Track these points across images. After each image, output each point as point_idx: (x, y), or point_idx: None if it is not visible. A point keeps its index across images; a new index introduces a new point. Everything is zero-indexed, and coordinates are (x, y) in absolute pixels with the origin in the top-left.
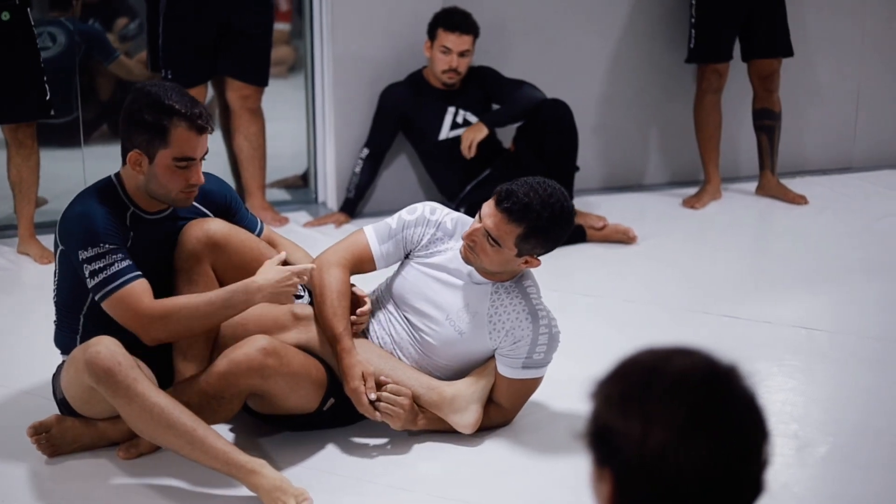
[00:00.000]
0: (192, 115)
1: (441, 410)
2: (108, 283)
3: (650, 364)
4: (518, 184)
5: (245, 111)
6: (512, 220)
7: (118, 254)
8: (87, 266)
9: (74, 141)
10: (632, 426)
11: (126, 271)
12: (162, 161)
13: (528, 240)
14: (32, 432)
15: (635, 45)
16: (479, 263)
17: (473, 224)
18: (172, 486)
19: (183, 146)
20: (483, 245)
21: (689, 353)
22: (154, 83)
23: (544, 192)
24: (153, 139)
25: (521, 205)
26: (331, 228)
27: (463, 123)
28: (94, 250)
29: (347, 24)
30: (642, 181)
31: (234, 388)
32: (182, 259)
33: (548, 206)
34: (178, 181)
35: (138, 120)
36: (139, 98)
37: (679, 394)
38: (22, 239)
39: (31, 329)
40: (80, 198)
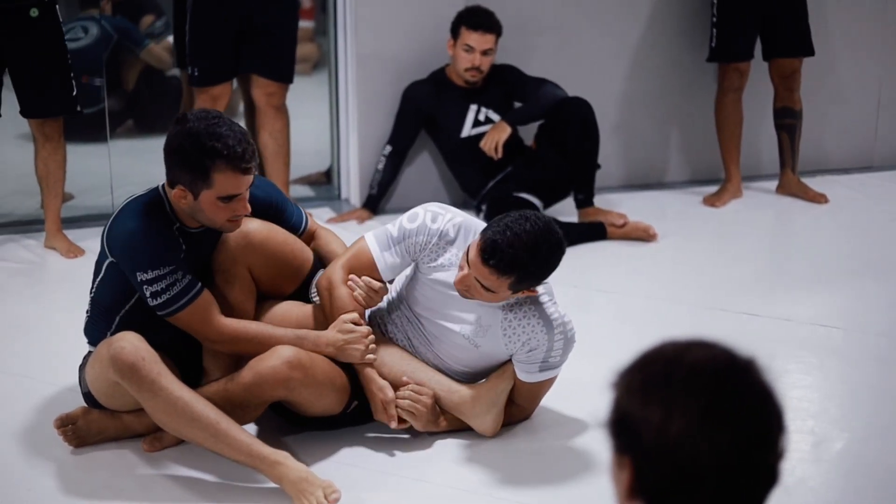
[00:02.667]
0: (235, 157)
1: (462, 413)
2: (173, 302)
3: (671, 355)
4: (500, 232)
5: (270, 108)
6: (501, 273)
7: (178, 272)
8: (148, 287)
9: (101, 136)
10: (652, 414)
11: (189, 288)
12: (206, 199)
13: (521, 283)
14: (59, 424)
15: (657, 44)
16: (477, 300)
17: (462, 268)
18: (196, 478)
19: (227, 187)
20: (477, 288)
21: (708, 346)
22: (199, 116)
23: (528, 239)
24: (196, 180)
25: (507, 259)
26: (353, 225)
27: (485, 121)
28: (153, 272)
29: (371, 21)
30: (663, 179)
31: (259, 398)
32: (220, 259)
33: (534, 252)
34: (224, 214)
35: (181, 159)
36: (182, 135)
37: (699, 383)
38: (49, 233)
39: (57, 322)
40: (131, 214)
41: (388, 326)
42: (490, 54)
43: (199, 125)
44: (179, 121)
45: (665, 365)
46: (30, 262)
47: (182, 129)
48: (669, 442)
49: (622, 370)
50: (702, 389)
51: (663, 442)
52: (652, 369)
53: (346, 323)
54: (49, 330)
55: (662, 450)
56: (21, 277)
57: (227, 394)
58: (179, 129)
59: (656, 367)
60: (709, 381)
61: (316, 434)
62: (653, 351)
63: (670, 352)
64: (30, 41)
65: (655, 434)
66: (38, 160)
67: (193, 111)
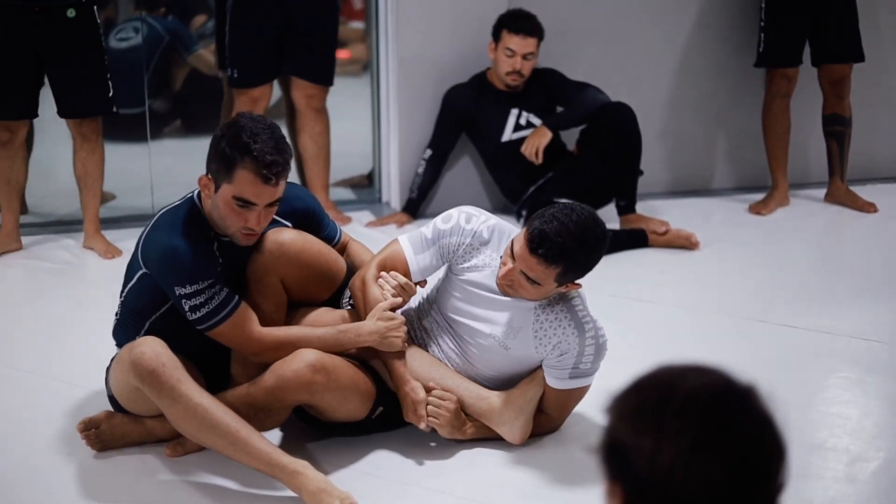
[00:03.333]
0: (262, 162)
1: (490, 420)
2: (211, 316)
3: (665, 380)
4: (547, 222)
5: (310, 110)
6: (549, 263)
7: (216, 286)
8: (186, 301)
9: (142, 136)
10: (643, 441)
11: (227, 301)
12: (223, 194)
13: (567, 274)
14: (82, 427)
15: (703, 49)
16: (520, 297)
17: (506, 263)
18: (218, 484)
19: (244, 188)
20: (521, 283)
21: (705, 371)
22: (253, 118)
23: (576, 228)
24: (221, 170)
25: (556, 248)
26: (392, 228)
27: (526, 125)
28: (192, 287)
29: (412, 24)
30: (709, 186)
31: (281, 402)
32: (253, 269)
33: (582, 241)
34: (237, 220)
35: (217, 146)
36: (227, 125)
37: (692, 411)
38: (87, 234)
39: (89, 324)
40: (167, 227)
41: (418, 331)
42: (531, 58)
43: (247, 122)
44: (237, 115)
45: (659, 391)
46: (67, 262)
47: (232, 120)
48: (660, 471)
49: (616, 395)
50: (695, 417)
51: (654, 471)
52: (645, 395)
53: (385, 311)
54: (82, 331)
55: (653, 479)
56: (58, 277)
57: (250, 398)
58: (230, 121)
59: (650, 393)
60: (703, 409)
61: (339, 440)
62: (648, 376)
63: (665, 377)
64: (67, 42)
65: (647, 462)
66: (77, 160)
67: (251, 113)
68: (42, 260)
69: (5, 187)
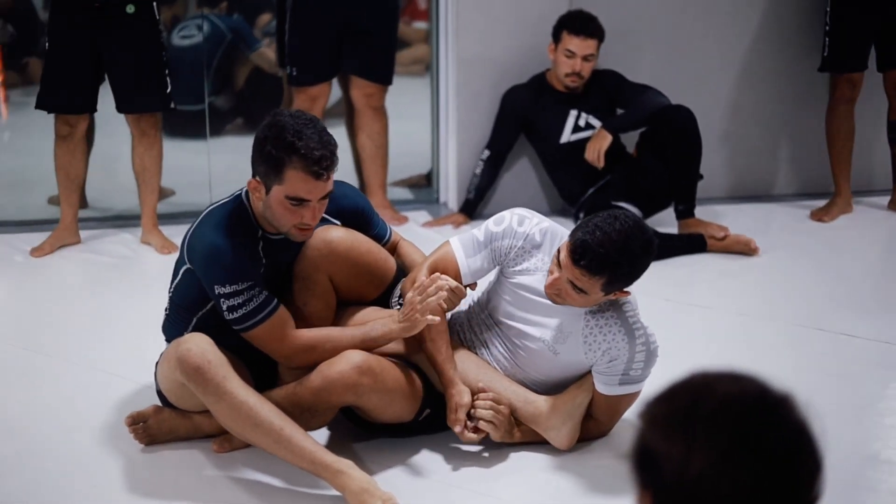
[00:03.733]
0: (312, 159)
1: (537, 425)
2: (248, 318)
3: (697, 386)
4: (590, 232)
5: (368, 109)
6: (593, 274)
7: (255, 288)
8: (225, 301)
9: (201, 133)
10: (674, 449)
11: (265, 304)
12: (275, 196)
13: (613, 284)
14: (130, 421)
15: (766, 53)
16: (568, 305)
17: (553, 272)
18: (262, 481)
19: (296, 187)
20: (568, 292)
21: (739, 379)
22: (292, 114)
23: (619, 238)
24: (269, 172)
25: (598, 260)
26: (448, 229)
27: (585, 127)
28: (231, 287)
29: (473, 25)
30: (770, 191)
31: (327, 403)
32: (301, 267)
33: (626, 251)
34: (291, 218)
35: (262, 149)
36: (269, 126)
37: (724, 418)
38: (145, 228)
39: (141, 319)
40: (213, 225)
41: (467, 334)
42: (591, 60)
43: (289, 121)
44: (274, 114)
45: (691, 398)
46: (123, 256)
47: (272, 120)
48: (690, 479)
49: (649, 402)
50: (727, 425)
51: (684, 479)
52: (677, 402)
53: None
54: (133, 326)
55: (683, 487)
56: (113, 271)
57: (296, 398)
58: (269, 121)
59: (682, 400)
60: (735, 417)
61: (386, 441)
62: (680, 382)
63: (698, 384)
64: (125, 37)
65: (676, 470)
66: (135, 156)
67: (291, 109)
68: (99, 254)
69: (65, 181)
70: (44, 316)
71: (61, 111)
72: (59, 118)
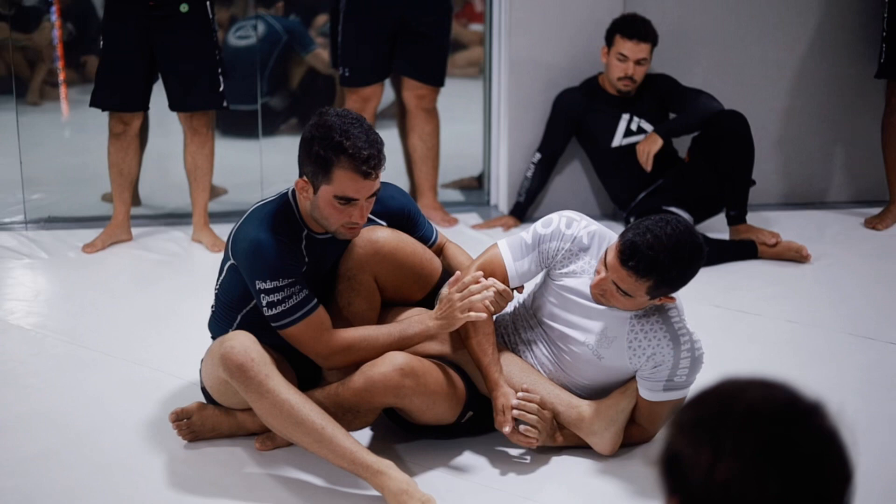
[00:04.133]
0: (359, 158)
1: (580, 429)
2: (287, 315)
3: (727, 393)
4: (640, 234)
5: (420, 111)
6: (640, 276)
7: (296, 286)
8: (265, 297)
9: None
10: (701, 455)
11: (304, 303)
12: (324, 195)
13: (659, 288)
14: (174, 418)
15: (822, 58)
16: (612, 306)
17: (599, 272)
18: (303, 480)
19: (345, 187)
20: (613, 293)
21: (769, 385)
22: (338, 113)
23: (669, 242)
24: (317, 172)
25: (647, 261)
26: (498, 232)
27: (637, 131)
28: (272, 283)
29: (525, 28)
30: (824, 198)
31: (369, 404)
32: (346, 266)
33: (676, 255)
34: (340, 217)
35: (309, 148)
36: (315, 126)
37: (752, 425)
38: (196, 226)
39: (189, 315)
40: (257, 221)
41: (512, 336)
42: (644, 64)
43: (335, 120)
44: (320, 113)
45: (720, 403)
46: (174, 253)
47: (318, 120)
48: (717, 486)
49: (679, 407)
50: (755, 432)
51: (710, 485)
52: (705, 408)
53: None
54: (181, 322)
55: (709, 494)
56: (163, 269)
57: (338, 398)
58: (316, 121)
59: (710, 406)
60: (764, 424)
61: (428, 442)
62: (710, 388)
63: (728, 389)
64: (179, 36)
65: (703, 476)
66: (187, 154)
67: (337, 108)
68: (150, 251)
69: (118, 178)
70: (93, 312)
71: (115, 109)
72: (112, 116)
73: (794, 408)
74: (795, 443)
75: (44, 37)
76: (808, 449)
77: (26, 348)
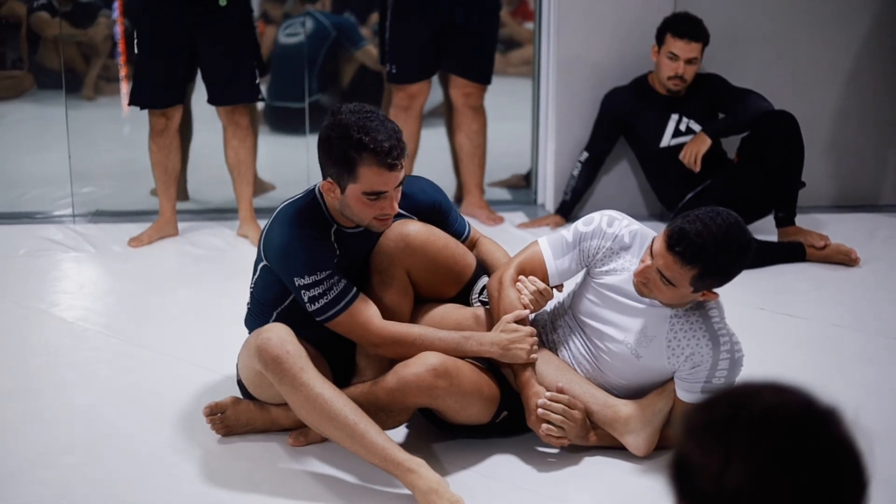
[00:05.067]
0: (382, 151)
1: (614, 429)
2: (330, 307)
3: (738, 397)
4: (690, 221)
5: (467, 108)
6: (685, 263)
7: (334, 276)
8: (306, 293)
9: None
10: (710, 460)
11: (345, 292)
12: (352, 194)
13: (703, 279)
14: (208, 412)
15: (875, 59)
16: (654, 297)
17: (644, 261)
18: (335, 476)
19: (372, 182)
20: (656, 282)
21: (783, 390)
22: (352, 109)
23: (718, 231)
24: (342, 172)
25: (694, 248)
26: (544, 231)
27: (686, 131)
28: (310, 278)
29: (574, 26)
30: (877, 201)
31: (402, 404)
32: (378, 260)
33: (723, 247)
34: (371, 212)
35: (329, 149)
36: (332, 126)
37: (764, 430)
38: (242, 221)
39: (229, 310)
40: (285, 220)
41: (550, 335)
42: (695, 63)
43: (351, 118)
44: (333, 112)
45: (731, 408)
46: (218, 248)
47: (333, 120)
48: (727, 492)
49: (689, 410)
50: (767, 437)
51: (721, 492)
52: (717, 411)
53: (510, 322)
54: (221, 317)
55: (719, 500)
56: (207, 264)
57: (372, 396)
58: (331, 121)
59: (721, 410)
60: (776, 429)
61: (463, 441)
62: (723, 391)
63: (739, 394)
64: (218, 31)
65: (713, 482)
66: (228, 149)
67: (348, 104)
68: (195, 246)
69: (162, 176)
70: (134, 306)
71: (154, 106)
72: (152, 113)
73: (808, 413)
74: (809, 449)
75: (99, 32)
76: (821, 456)
77: (67, 341)
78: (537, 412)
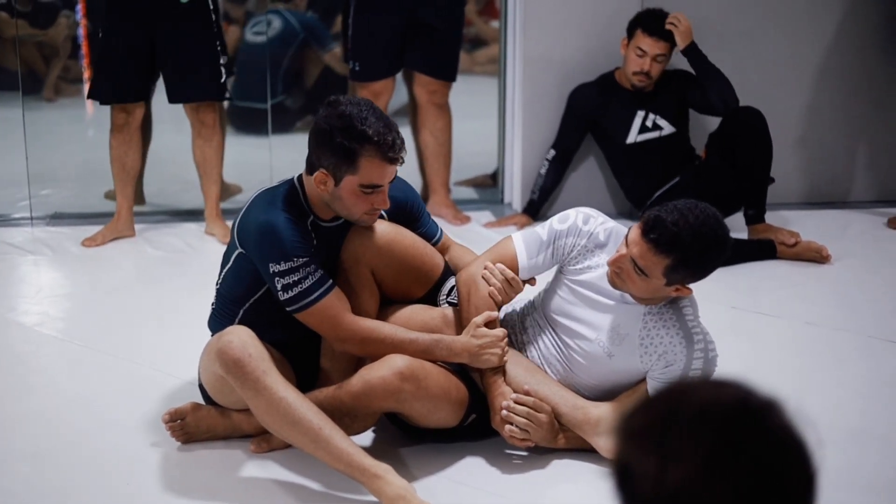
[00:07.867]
0: (385, 144)
1: (584, 432)
2: (303, 296)
3: (675, 396)
4: (666, 210)
5: (432, 106)
6: (659, 251)
7: (310, 266)
8: (279, 280)
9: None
10: (648, 463)
11: (320, 283)
12: (348, 186)
13: (677, 271)
14: (168, 419)
15: (844, 54)
16: (627, 290)
17: (619, 250)
18: (298, 484)
19: (371, 175)
20: (630, 273)
21: (721, 385)
22: (352, 101)
23: (695, 221)
24: (341, 164)
25: (669, 236)
26: (511, 230)
27: (653, 127)
28: (286, 265)
29: (540, 24)
30: (847, 198)
31: (367, 408)
32: (343, 258)
33: (699, 236)
34: (363, 205)
35: (328, 140)
36: (332, 117)
37: (702, 427)
38: (208, 219)
39: (189, 313)
40: (264, 205)
41: (520, 335)
42: (662, 61)
43: (353, 109)
44: (331, 103)
45: (668, 407)
46: (179, 250)
47: (334, 111)
48: (667, 494)
49: (625, 414)
50: (704, 435)
51: (660, 494)
52: (653, 412)
53: (480, 327)
54: (184, 320)
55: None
56: (166, 265)
57: (337, 401)
58: (331, 111)
59: (658, 410)
60: (714, 426)
61: (431, 446)
62: (659, 392)
63: (676, 393)
64: (179, 29)
65: (652, 485)
66: (195, 147)
67: (346, 96)
68: (154, 247)
69: (120, 172)
70: (93, 309)
71: (113, 101)
72: (114, 108)
73: (746, 407)
74: (748, 443)
75: (59, 33)
76: (763, 450)
77: (24, 346)
78: (501, 413)
